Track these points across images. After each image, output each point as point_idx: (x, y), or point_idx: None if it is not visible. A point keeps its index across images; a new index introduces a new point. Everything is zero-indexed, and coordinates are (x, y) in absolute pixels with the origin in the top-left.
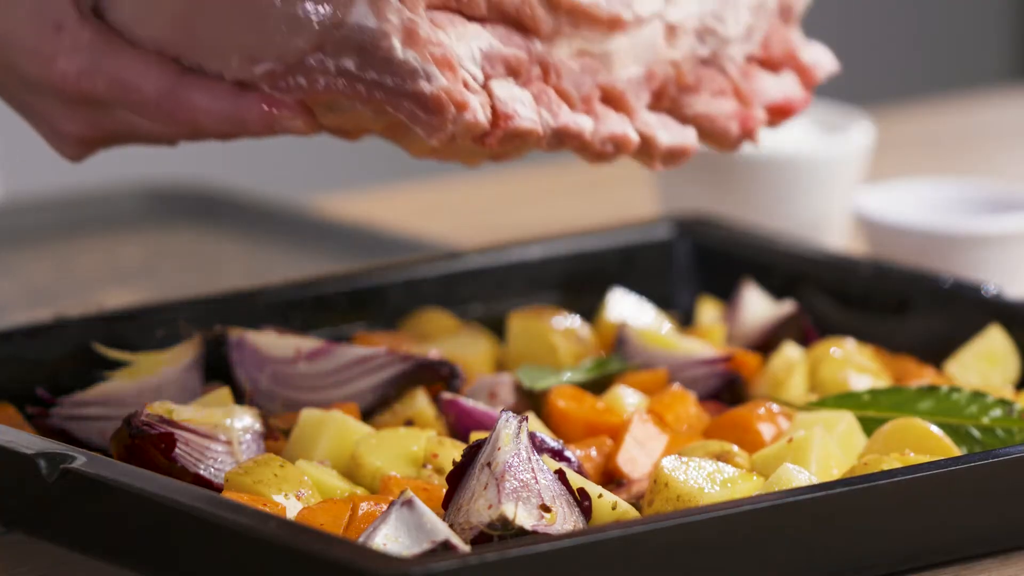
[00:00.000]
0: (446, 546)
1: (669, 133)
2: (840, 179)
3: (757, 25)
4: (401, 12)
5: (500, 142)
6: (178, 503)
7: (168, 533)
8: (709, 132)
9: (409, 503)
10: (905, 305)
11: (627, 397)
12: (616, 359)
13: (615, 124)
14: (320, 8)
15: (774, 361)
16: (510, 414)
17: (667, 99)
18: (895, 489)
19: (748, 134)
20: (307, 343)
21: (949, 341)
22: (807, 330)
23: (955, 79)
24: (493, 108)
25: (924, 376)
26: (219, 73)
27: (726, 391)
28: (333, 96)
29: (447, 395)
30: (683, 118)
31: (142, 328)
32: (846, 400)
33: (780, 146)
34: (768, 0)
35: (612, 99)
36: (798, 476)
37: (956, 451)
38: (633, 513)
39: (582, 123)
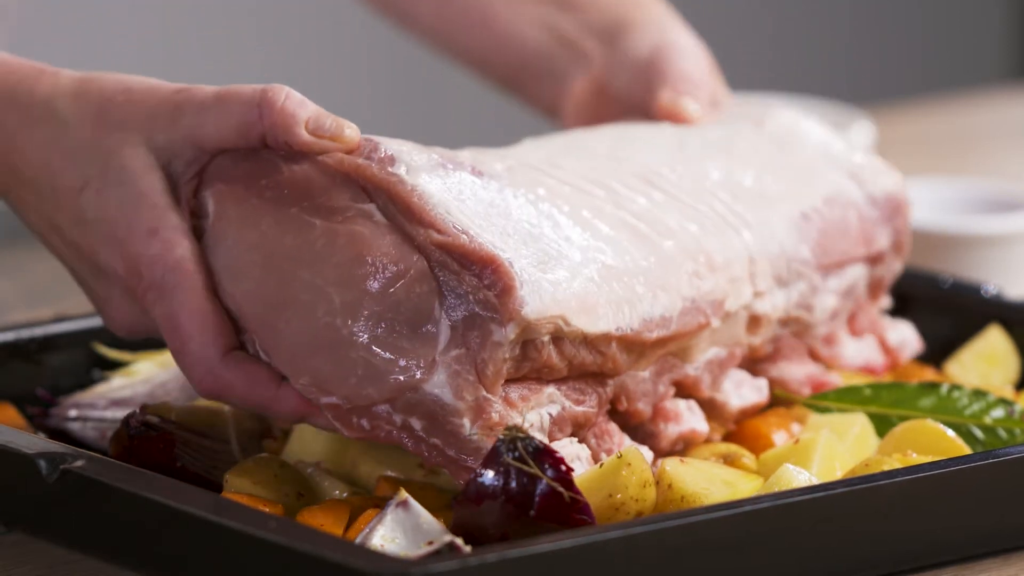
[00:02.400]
0: (448, 547)
1: (742, 394)
2: None
3: (844, 307)
4: (477, 391)
5: None
6: (178, 504)
7: (168, 534)
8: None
9: (404, 503)
10: (905, 305)
11: None
12: None
13: (684, 424)
14: (399, 366)
15: None
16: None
17: (743, 365)
18: (895, 489)
19: None
20: None
21: (949, 341)
22: None
23: (954, 79)
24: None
25: (924, 376)
26: (284, 375)
27: None
28: (392, 443)
29: None
30: (756, 374)
31: None
32: (848, 395)
33: None
34: (859, 283)
35: (686, 386)
36: (798, 477)
37: (968, 453)
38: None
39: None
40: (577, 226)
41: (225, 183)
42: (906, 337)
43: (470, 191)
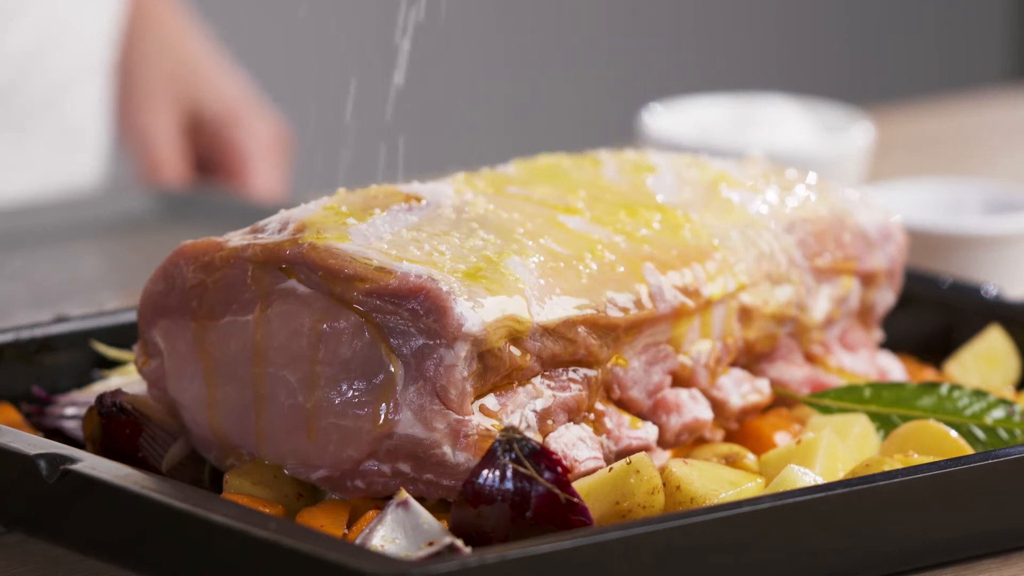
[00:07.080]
0: (448, 548)
1: (742, 393)
2: (840, 179)
3: (837, 318)
4: (447, 416)
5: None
6: (178, 504)
7: (167, 534)
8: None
9: (405, 504)
10: (905, 305)
11: None
12: None
13: (686, 413)
14: (368, 419)
15: None
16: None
17: (741, 362)
18: (895, 489)
19: None
20: None
21: (949, 341)
22: None
23: (955, 79)
24: None
25: (924, 376)
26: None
27: None
28: (392, 493)
29: None
30: (756, 374)
31: None
32: (848, 394)
33: (781, 145)
34: (852, 297)
35: (683, 378)
36: (803, 477)
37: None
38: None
39: (644, 435)
40: (527, 232)
41: (166, 318)
42: (892, 366)
43: (392, 226)
